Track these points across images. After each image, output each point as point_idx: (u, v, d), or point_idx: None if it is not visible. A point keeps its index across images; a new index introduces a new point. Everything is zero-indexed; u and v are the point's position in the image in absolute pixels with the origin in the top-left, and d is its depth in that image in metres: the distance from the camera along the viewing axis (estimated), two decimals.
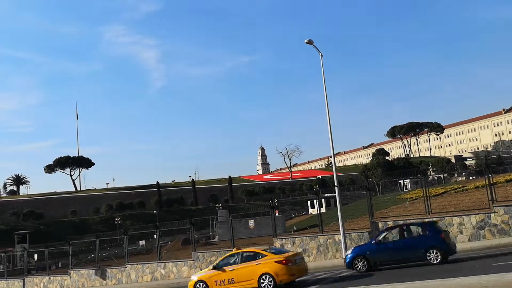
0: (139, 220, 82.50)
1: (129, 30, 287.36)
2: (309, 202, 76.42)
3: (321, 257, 24.72)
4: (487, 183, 21.96)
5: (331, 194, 75.31)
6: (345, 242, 23.42)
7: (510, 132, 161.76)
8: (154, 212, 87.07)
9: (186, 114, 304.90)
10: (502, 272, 12.05)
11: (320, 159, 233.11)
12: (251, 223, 37.27)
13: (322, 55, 25.61)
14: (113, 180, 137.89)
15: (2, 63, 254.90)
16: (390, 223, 23.52)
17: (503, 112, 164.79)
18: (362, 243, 23.59)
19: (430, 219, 22.59)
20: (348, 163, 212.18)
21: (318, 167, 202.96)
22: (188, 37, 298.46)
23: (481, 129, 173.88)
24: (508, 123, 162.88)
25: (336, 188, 25.13)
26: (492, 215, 21.19)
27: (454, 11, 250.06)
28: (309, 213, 72.43)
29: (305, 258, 24.77)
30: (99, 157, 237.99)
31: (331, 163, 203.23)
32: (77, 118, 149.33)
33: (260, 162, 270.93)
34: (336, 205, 68.82)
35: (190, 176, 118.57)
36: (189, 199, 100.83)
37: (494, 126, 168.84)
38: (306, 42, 24.62)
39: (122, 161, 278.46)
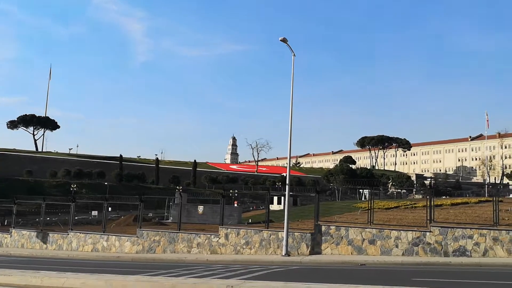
0: (96, 191, 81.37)
1: None
2: (268, 197, 77.02)
3: (263, 251, 25.16)
4: (428, 204, 22.84)
5: (291, 193, 76.29)
6: (287, 240, 23.97)
7: (472, 159, 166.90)
8: (111, 184, 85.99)
9: (165, 93, 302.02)
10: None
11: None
12: (200, 209, 37.55)
13: (294, 55, 25.94)
14: (77, 146, 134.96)
15: None
16: (333, 228, 24.21)
17: (469, 140, 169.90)
18: (303, 243, 24.27)
19: (371, 229, 23.45)
20: (315, 165, 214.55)
21: (285, 165, 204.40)
22: (181, 16, 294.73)
23: (446, 152, 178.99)
24: (472, 150, 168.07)
25: (287, 187, 25.64)
26: (428, 233, 22.05)
27: (444, 33, 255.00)
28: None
29: (247, 250, 25.35)
30: (66, 121, 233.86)
31: (299, 162, 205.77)
32: (50, 79, 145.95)
33: (230, 152, 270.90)
34: (295, 204, 69.80)
35: (156, 155, 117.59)
36: (151, 177, 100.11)
37: (459, 151, 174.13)
38: (281, 40, 24.89)
39: (91, 129, 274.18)
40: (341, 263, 21.44)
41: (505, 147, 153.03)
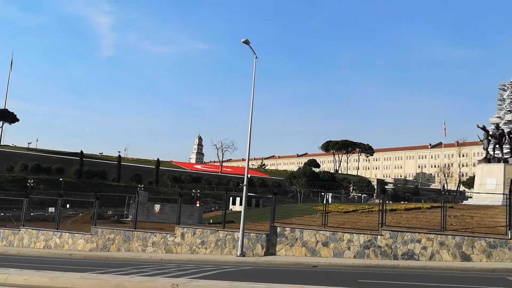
0: (55, 187, 79.22)
1: None
2: (231, 198, 77.28)
3: (218, 251, 25.22)
4: (380, 208, 23.50)
5: (252, 194, 76.71)
6: (242, 240, 24.11)
7: (432, 166, 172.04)
8: (70, 180, 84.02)
9: (130, 89, 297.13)
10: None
11: (255, 159, 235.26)
12: (157, 207, 37.25)
13: (256, 57, 26.17)
14: (36, 141, 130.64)
15: None
16: (288, 230, 24.52)
17: (429, 147, 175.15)
18: (259, 243, 24.44)
19: (325, 232, 23.89)
20: (280, 167, 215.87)
21: (251, 166, 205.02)
22: (147, 12, 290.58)
23: (407, 158, 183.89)
24: (432, 157, 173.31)
25: (244, 187, 25.82)
26: (379, 237, 22.67)
27: (408, 42, 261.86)
28: (230, 209, 73.34)
29: (202, 250, 25.35)
30: (26, 114, 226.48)
31: (264, 164, 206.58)
32: (11, 69, 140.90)
33: (195, 151, 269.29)
34: (257, 205, 69.85)
35: (119, 152, 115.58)
36: (113, 174, 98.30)
37: (419, 158, 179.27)
38: (243, 42, 25.05)
39: (51, 123, 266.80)
40: (294, 265, 21.75)
41: (463, 156, 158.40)
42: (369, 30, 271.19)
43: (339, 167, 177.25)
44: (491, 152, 41.56)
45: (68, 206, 64.73)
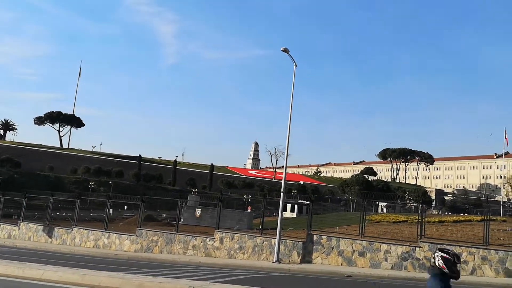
0: (114, 189, 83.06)
1: (150, 0, 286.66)
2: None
3: (255, 257, 25.50)
4: (419, 219, 22.81)
5: (303, 202, 76.43)
6: (278, 247, 24.27)
7: (497, 177, 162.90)
8: (129, 183, 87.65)
9: (190, 95, 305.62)
10: None
11: (310, 165, 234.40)
12: (198, 211, 38.14)
13: (296, 65, 26.29)
14: (100, 145, 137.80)
15: (17, 7, 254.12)
16: (324, 238, 24.36)
17: (495, 157, 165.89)
18: (295, 251, 24.40)
19: (362, 241, 23.52)
20: (336, 175, 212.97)
21: (305, 173, 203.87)
22: (208, 19, 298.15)
23: (470, 168, 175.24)
24: (497, 168, 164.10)
25: (282, 194, 25.97)
26: (417, 249, 22.02)
27: (475, 46, 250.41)
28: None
29: (240, 255, 25.74)
30: (93, 119, 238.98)
31: (319, 171, 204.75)
32: (79, 76, 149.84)
33: (252, 157, 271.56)
34: (308, 212, 69.95)
35: (176, 156, 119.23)
36: (169, 178, 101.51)
37: (484, 168, 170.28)
38: (282, 50, 25.27)
39: (115, 128, 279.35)
40: (328, 273, 21.59)
41: None
42: (431, 35, 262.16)
43: (397, 175, 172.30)
44: None
45: (126, 208, 67.81)
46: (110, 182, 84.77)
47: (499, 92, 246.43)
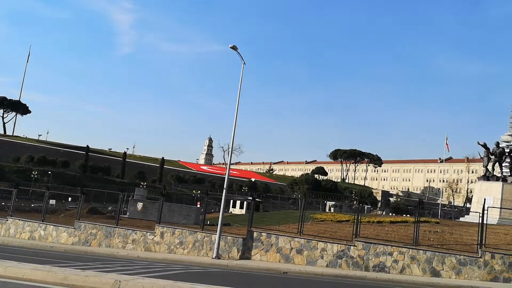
0: (59, 180, 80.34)
1: None
2: (231, 201, 77.59)
3: (195, 252, 25.49)
4: (355, 219, 23.56)
5: (251, 198, 76.80)
6: (218, 243, 24.36)
7: (440, 181, 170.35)
8: (74, 174, 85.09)
9: (145, 87, 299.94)
10: None
11: (263, 163, 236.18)
12: (139, 205, 37.66)
13: (244, 63, 26.44)
14: (47, 133, 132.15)
15: None
16: (264, 235, 24.69)
17: (439, 161, 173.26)
18: (235, 247, 24.59)
19: (300, 239, 24.01)
20: (288, 173, 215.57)
21: (258, 170, 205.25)
22: (167, 11, 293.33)
23: (415, 171, 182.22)
24: (440, 172, 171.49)
25: (224, 190, 26.09)
26: (352, 248, 22.74)
27: (426, 53, 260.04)
28: (230, 211, 73.67)
29: (180, 250, 25.64)
30: (41, 107, 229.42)
31: (272, 169, 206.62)
32: (27, 61, 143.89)
33: (205, 153, 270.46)
34: (257, 210, 70.49)
35: (127, 148, 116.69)
36: (117, 171, 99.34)
37: (428, 172, 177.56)
38: (231, 47, 25.33)
39: (65, 117, 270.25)
40: (265, 270, 21.89)
41: (472, 172, 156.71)
42: (385, 42, 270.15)
43: (346, 176, 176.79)
44: (491, 170, 41.22)
45: (70, 199, 65.77)
46: (49, 172, 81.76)
47: (445, 99, 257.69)
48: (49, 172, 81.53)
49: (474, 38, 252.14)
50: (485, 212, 21.62)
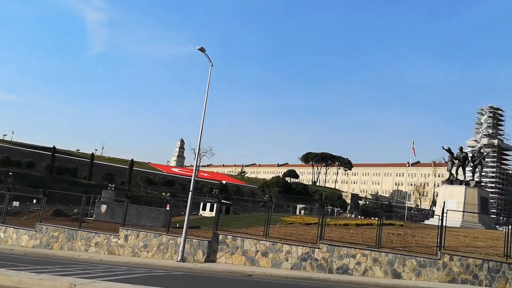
0: (24, 181, 78.11)
1: None
2: (201, 203, 77.17)
3: (160, 255, 25.21)
4: (319, 222, 23.81)
5: (224, 201, 76.67)
6: (183, 246, 24.15)
7: (408, 184, 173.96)
8: (40, 175, 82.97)
9: (116, 87, 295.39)
10: None
11: (235, 165, 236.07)
12: (103, 208, 37.02)
13: (212, 65, 26.39)
14: (12, 133, 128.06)
15: None
16: (229, 238, 24.63)
17: (407, 165, 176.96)
18: (200, 250, 24.44)
19: (266, 242, 24.06)
20: (260, 176, 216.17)
21: (230, 173, 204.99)
22: (140, 11, 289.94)
23: (385, 175, 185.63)
24: (409, 175, 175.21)
25: (190, 193, 25.93)
26: (316, 250, 22.93)
27: (397, 61, 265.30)
28: (200, 214, 73.23)
29: (144, 253, 25.30)
30: (5, 105, 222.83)
31: (244, 171, 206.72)
32: None
33: (176, 154, 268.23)
34: (227, 212, 69.86)
35: (96, 150, 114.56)
36: (85, 172, 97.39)
37: (397, 175, 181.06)
38: (198, 49, 25.24)
39: (31, 117, 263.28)
40: (230, 273, 21.84)
41: (438, 176, 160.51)
42: (354, 47, 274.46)
43: (317, 179, 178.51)
44: (455, 174, 42.26)
45: (34, 201, 64.02)
46: (10, 173, 79.38)
47: (415, 104, 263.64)
48: (10, 173, 79.09)
49: (440, 45, 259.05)
50: (444, 215, 22.13)
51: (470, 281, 20.63)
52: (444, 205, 23.37)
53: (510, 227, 21.89)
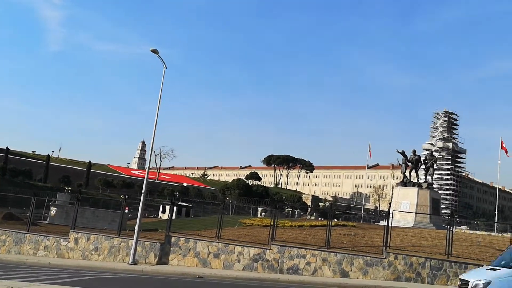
0: None
1: None
2: (161, 206, 76.47)
3: (111, 258, 24.87)
4: (271, 223, 24.14)
5: (183, 204, 76.24)
6: (135, 248, 23.93)
7: (368, 186, 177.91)
8: None
9: (74, 87, 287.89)
10: None
11: (198, 168, 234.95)
12: (53, 211, 36.29)
13: (166, 67, 26.28)
14: None
15: None
16: (182, 239, 24.58)
17: (366, 168, 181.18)
18: (152, 252, 24.20)
19: (218, 243, 24.16)
20: (222, 178, 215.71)
21: (192, 175, 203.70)
22: (101, 10, 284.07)
23: (345, 177, 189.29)
24: (368, 178, 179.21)
25: (142, 195, 25.77)
26: (267, 251, 23.22)
27: (361, 65, 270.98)
28: (159, 217, 72.49)
29: (95, 256, 24.89)
30: None
31: (206, 174, 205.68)
32: None
33: (138, 157, 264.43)
34: (187, 215, 69.17)
35: (53, 151, 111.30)
36: (40, 174, 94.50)
37: (357, 178, 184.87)
38: (151, 51, 25.16)
39: None
40: (181, 274, 21.81)
41: (396, 178, 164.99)
42: (323, 50, 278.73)
43: (279, 181, 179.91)
44: (408, 176, 43.62)
45: None
46: None
47: (374, 108, 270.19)
48: None
49: (402, 51, 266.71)
50: (390, 216, 22.92)
51: (413, 278, 21.44)
52: (389, 207, 24.12)
53: (451, 227, 22.91)
